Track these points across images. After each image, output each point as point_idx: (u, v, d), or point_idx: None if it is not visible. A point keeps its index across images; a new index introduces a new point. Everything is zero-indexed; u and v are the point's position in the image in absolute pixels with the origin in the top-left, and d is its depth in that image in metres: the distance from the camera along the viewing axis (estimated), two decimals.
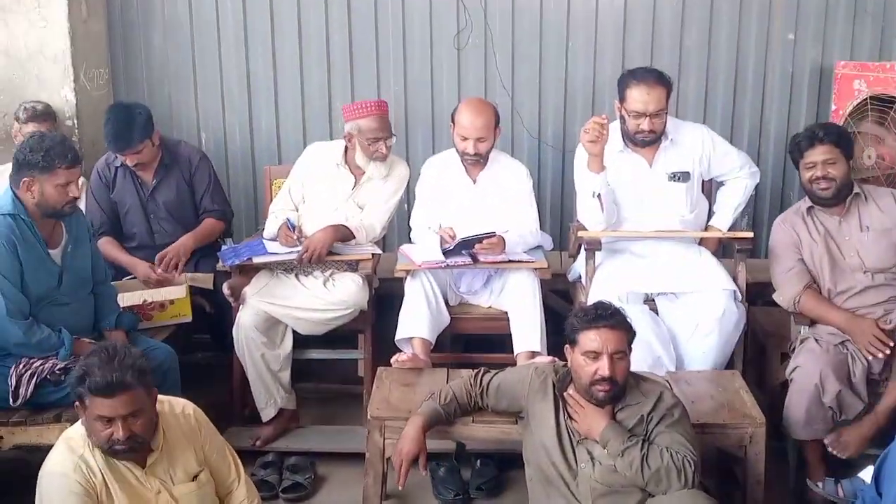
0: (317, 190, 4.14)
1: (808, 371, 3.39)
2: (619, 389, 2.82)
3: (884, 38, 4.85)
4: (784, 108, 4.98)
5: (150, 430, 2.62)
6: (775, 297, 3.71)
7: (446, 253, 3.78)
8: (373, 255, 4.02)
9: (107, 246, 4.12)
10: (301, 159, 4.23)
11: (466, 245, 3.76)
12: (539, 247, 3.97)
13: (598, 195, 3.72)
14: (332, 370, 4.34)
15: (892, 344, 3.37)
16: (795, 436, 3.44)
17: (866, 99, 4.36)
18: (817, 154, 3.52)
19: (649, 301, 3.82)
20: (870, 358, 3.39)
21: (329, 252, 3.89)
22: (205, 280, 4.13)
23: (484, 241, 3.75)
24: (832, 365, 3.37)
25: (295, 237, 3.92)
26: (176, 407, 2.78)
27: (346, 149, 4.11)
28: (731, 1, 4.86)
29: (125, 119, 4.05)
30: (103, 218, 4.24)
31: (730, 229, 3.97)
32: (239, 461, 2.89)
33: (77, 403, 2.57)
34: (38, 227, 3.27)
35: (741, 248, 3.86)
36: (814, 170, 3.54)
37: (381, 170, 4.06)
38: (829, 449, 3.34)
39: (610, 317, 2.81)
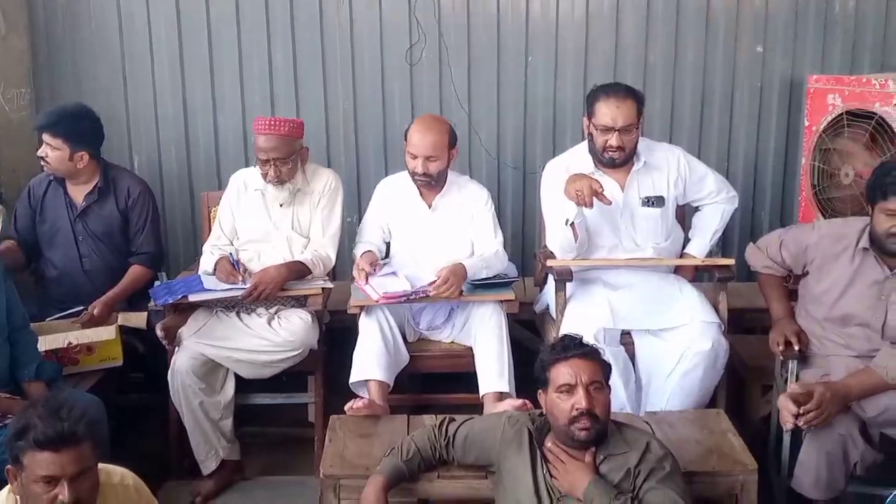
0: (245, 226, 3.88)
1: (835, 421, 3.03)
2: (602, 426, 2.59)
3: (855, 51, 4.74)
4: (753, 124, 4.85)
5: (93, 496, 2.31)
6: (751, 246, 3.55)
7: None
8: (323, 289, 3.73)
9: None
10: (227, 190, 3.97)
11: (416, 294, 3.55)
12: (508, 280, 3.70)
13: (572, 223, 3.48)
14: (280, 413, 4.06)
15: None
16: (810, 495, 3.10)
17: (841, 114, 4.18)
18: None
19: (625, 335, 3.59)
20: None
21: None
22: (137, 319, 3.83)
23: (432, 289, 3.53)
24: (854, 415, 3.07)
25: (240, 276, 3.66)
26: (113, 476, 2.47)
27: None
28: (696, 14, 4.72)
29: (74, 110, 3.95)
30: (18, 238, 4.03)
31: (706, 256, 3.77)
32: None
33: (9, 467, 2.27)
34: None
35: (722, 277, 3.65)
36: (894, 220, 3.11)
37: (281, 194, 3.78)
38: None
39: (580, 346, 2.63)
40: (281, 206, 3.82)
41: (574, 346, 2.63)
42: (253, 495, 3.65)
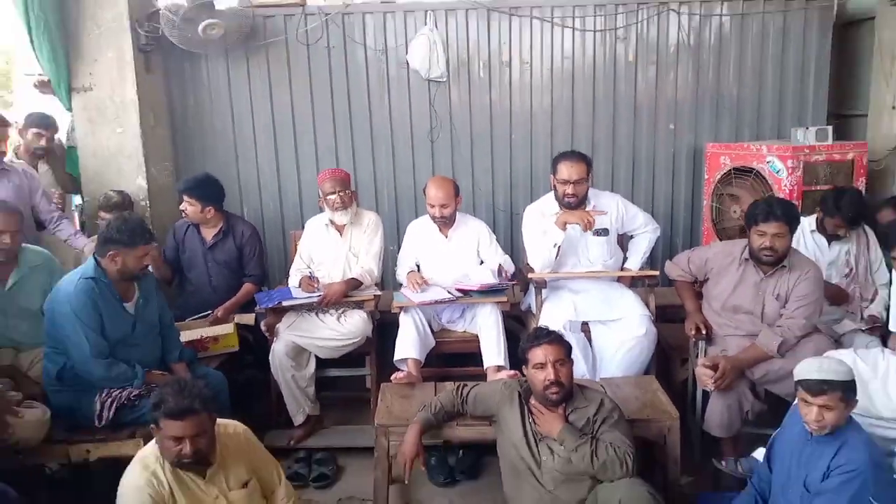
0: (317, 252, 3.88)
1: (733, 383, 3.04)
2: (567, 391, 2.59)
3: (738, 125, 4.72)
4: (669, 178, 4.81)
5: (211, 447, 2.33)
6: (669, 262, 3.51)
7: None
8: (374, 296, 3.75)
9: None
10: (304, 232, 3.97)
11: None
12: (503, 287, 3.71)
13: (558, 246, 3.51)
14: (347, 383, 4.03)
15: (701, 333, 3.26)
16: (716, 434, 3.09)
17: (730, 170, 4.21)
18: (770, 227, 3.01)
19: (584, 325, 3.57)
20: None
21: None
22: (248, 319, 3.84)
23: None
24: (745, 379, 3.09)
25: (315, 286, 3.67)
26: (229, 427, 2.48)
27: None
28: (627, 104, 4.71)
29: (204, 178, 3.95)
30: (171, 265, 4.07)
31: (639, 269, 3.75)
32: (280, 467, 2.59)
33: (153, 426, 2.29)
34: (115, 287, 2.97)
35: (650, 283, 3.65)
36: (763, 238, 3.05)
37: (345, 217, 3.79)
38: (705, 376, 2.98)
39: (548, 335, 2.63)
40: (342, 233, 3.81)
41: (544, 335, 2.63)
42: (329, 438, 3.63)
